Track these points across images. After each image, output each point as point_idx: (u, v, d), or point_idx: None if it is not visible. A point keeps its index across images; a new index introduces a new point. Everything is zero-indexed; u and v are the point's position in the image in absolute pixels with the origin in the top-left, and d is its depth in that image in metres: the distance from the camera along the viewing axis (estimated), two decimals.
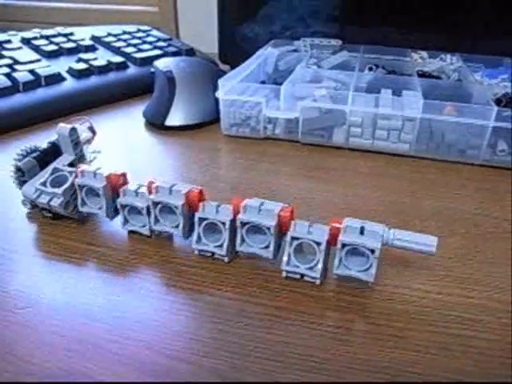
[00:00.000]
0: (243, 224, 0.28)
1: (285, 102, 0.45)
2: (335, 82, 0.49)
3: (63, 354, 0.23)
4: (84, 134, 0.36)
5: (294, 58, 0.56)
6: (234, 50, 0.67)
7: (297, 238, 0.27)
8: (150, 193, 0.30)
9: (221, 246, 0.29)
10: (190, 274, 0.29)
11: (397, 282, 0.28)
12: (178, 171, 0.41)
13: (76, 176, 0.31)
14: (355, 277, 0.27)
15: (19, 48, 0.58)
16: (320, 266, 0.27)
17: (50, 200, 0.31)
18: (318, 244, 0.27)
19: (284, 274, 0.28)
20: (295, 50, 0.59)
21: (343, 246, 0.26)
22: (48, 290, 0.27)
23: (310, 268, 0.27)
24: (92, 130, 0.37)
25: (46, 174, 0.32)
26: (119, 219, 0.32)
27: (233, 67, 0.51)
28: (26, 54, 0.57)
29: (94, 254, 0.30)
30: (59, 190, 0.31)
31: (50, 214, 0.33)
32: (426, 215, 0.35)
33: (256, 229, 0.28)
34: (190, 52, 0.64)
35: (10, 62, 0.53)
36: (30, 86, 0.50)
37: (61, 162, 0.33)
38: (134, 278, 0.28)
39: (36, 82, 0.51)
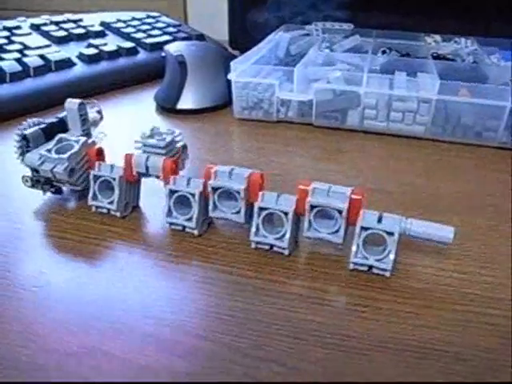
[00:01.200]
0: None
1: (298, 84, 0.44)
2: (348, 65, 0.48)
3: (83, 332, 0.23)
4: (92, 115, 0.35)
5: (306, 42, 0.55)
6: (244, 36, 0.66)
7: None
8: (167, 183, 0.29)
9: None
10: (209, 253, 0.28)
11: (416, 261, 0.28)
12: (190, 153, 0.40)
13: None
14: (374, 266, 0.26)
15: (29, 34, 0.57)
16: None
17: (53, 167, 0.30)
18: (286, 214, 0.27)
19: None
20: (307, 35, 0.59)
21: (362, 229, 0.26)
22: (65, 271, 0.27)
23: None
24: (100, 113, 0.37)
25: (51, 143, 0.31)
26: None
27: (243, 53, 0.51)
28: (36, 39, 0.56)
29: (110, 234, 0.30)
30: (64, 156, 0.30)
31: (53, 189, 0.32)
32: (444, 196, 0.34)
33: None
34: (200, 38, 0.64)
35: (20, 47, 0.53)
36: (40, 70, 0.50)
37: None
38: (151, 258, 0.28)
39: (46, 66, 0.51)
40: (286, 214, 0.27)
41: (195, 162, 0.38)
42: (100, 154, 0.32)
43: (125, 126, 0.45)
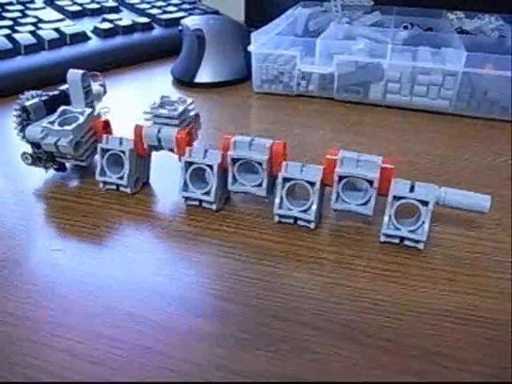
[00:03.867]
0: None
1: (320, 57, 0.43)
2: (370, 40, 0.47)
3: (103, 294, 0.22)
4: (95, 88, 0.33)
5: (326, 19, 0.54)
6: (260, 14, 0.65)
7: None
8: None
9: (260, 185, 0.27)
10: (234, 219, 0.27)
11: (448, 229, 0.27)
12: (210, 124, 0.39)
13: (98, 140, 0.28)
14: (407, 237, 0.25)
15: (43, 8, 0.56)
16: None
17: (57, 140, 0.28)
18: (312, 184, 0.26)
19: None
20: (325, 11, 0.57)
21: (395, 199, 0.24)
22: (79, 243, 0.26)
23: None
24: (103, 86, 0.35)
25: (54, 115, 0.29)
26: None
27: None
28: (50, 13, 0.55)
29: (124, 215, 0.28)
30: (69, 127, 0.28)
31: (55, 166, 0.30)
32: (470, 168, 0.33)
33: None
34: (216, 14, 0.62)
35: (35, 20, 0.52)
36: (55, 43, 0.49)
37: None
38: (170, 230, 0.27)
39: (61, 40, 0.50)
40: (312, 184, 0.26)
41: (213, 135, 0.37)
42: (107, 126, 0.30)
43: (139, 99, 0.44)
